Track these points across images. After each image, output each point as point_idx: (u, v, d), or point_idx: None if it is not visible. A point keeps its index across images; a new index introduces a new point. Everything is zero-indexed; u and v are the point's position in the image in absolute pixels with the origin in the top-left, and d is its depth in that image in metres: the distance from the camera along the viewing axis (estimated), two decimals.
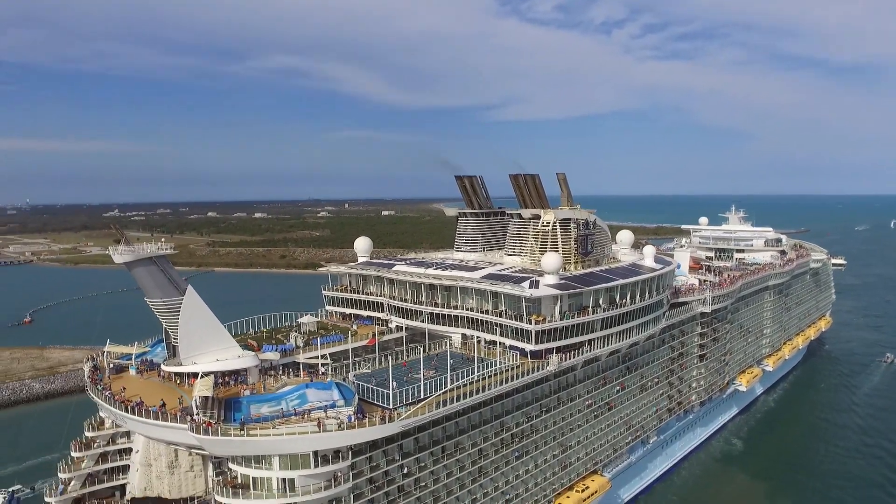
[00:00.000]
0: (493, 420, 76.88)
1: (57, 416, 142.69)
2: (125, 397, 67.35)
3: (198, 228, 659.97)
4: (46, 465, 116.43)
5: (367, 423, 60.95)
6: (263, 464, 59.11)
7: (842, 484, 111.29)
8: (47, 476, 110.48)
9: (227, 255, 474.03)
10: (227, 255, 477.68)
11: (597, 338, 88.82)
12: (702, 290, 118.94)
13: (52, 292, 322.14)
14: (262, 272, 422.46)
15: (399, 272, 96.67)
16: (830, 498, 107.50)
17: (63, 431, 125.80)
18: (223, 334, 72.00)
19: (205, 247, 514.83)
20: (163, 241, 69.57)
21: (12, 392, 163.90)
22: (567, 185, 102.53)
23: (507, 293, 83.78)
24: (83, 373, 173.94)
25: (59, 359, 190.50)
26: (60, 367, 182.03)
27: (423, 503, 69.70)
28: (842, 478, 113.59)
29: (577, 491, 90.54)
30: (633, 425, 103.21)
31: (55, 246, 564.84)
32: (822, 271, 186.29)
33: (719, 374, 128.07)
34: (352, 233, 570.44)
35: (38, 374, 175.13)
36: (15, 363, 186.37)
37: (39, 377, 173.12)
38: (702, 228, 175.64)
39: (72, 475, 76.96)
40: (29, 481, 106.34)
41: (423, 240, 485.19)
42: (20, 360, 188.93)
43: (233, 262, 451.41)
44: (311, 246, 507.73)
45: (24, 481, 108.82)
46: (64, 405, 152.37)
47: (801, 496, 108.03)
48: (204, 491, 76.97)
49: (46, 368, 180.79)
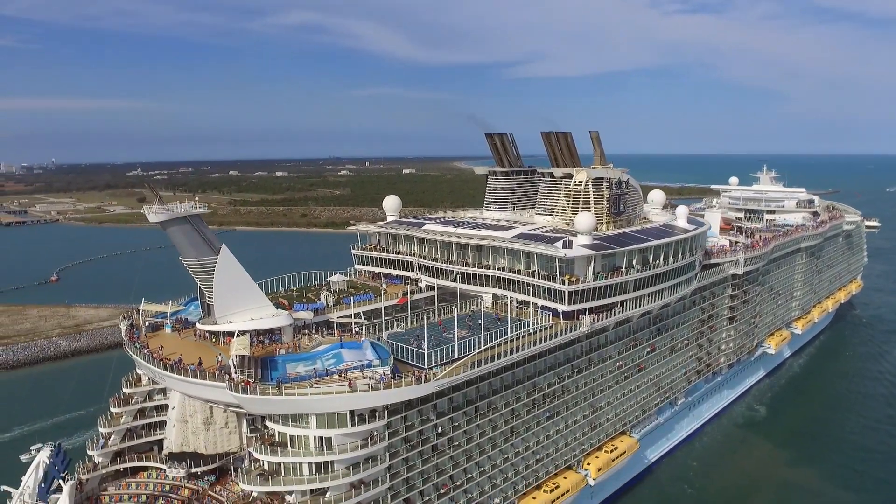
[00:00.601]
0: (526, 381, 76.77)
1: (85, 373, 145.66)
2: (163, 355, 67.85)
3: (219, 187, 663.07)
4: (75, 421, 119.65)
5: (403, 383, 60.95)
6: (301, 422, 59.52)
7: (864, 457, 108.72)
8: (81, 430, 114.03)
9: (248, 214, 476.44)
10: (249, 213, 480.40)
11: (629, 299, 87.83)
12: (734, 251, 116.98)
13: (78, 251, 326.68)
14: (282, 231, 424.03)
15: (430, 231, 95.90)
16: (853, 471, 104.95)
17: (92, 388, 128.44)
18: (257, 293, 72.01)
19: (226, 206, 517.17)
20: (196, 200, 68.89)
21: (40, 349, 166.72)
22: (600, 143, 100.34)
23: (540, 253, 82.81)
24: (119, 330, 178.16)
25: (84, 317, 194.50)
26: (86, 325, 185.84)
27: (457, 462, 70.23)
28: (865, 450, 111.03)
29: (606, 451, 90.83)
30: (663, 387, 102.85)
31: (80, 205, 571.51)
32: (855, 233, 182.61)
33: (748, 337, 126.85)
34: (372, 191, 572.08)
35: (64, 332, 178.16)
36: (42, 321, 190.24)
37: (66, 335, 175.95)
38: (731, 188, 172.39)
39: (111, 430, 78.23)
40: (62, 436, 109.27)
41: (445, 198, 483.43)
42: (47, 318, 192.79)
43: (254, 221, 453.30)
44: (332, 205, 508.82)
45: (57, 436, 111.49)
46: (90, 363, 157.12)
47: (822, 468, 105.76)
48: (238, 447, 78.25)
49: (73, 326, 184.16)
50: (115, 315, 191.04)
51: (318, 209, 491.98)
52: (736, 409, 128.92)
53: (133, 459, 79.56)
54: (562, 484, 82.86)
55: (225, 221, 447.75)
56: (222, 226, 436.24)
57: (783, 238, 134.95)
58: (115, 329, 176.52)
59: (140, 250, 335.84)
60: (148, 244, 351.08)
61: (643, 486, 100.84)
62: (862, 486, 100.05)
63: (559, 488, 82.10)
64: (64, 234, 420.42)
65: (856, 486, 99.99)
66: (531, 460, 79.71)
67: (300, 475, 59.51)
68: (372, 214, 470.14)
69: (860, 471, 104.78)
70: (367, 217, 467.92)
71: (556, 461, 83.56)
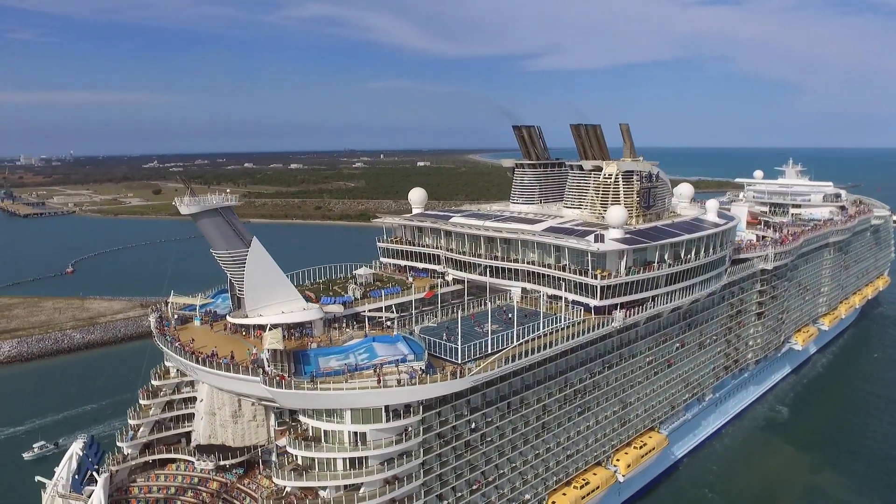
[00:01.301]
0: (558, 376, 75.82)
1: (98, 366, 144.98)
2: (195, 348, 67.47)
3: (234, 179, 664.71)
4: (87, 415, 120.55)
5: (439, 378, 60.15)
6: (335, 417, 58.89)
7: (889, 466, 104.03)
8: (91, 425, 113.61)
9: (262, 207, 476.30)
10: (263, 206, 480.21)
11: (660, 294, 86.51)
12: (763, 246, 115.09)
13: (93, 243, 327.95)
14: (297, 223, 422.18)
15: (457, 224, 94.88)
16: (878, 479, 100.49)
17: (105, 382, 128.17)
18: (288, 287, 71.40)
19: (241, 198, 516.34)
20: (228, 192, 68.26)
21: (54, 342, 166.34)
22: (630, 136, 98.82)
23: (572, 247, 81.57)
24: (132, 323, 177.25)
25: (98, 309, 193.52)
26: (100, 317, 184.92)
27: (489, 458, 69.49)
28: (890, 459, 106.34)
29: (636, 447, 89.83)
30: (691, 383, 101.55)
31: (97, 197, 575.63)
32: (883, 228, 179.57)
33: (776, 333, 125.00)
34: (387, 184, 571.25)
35: (78, 325, 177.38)
36: (57, 313, 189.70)
37: (80, 328, 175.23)
38: (756, 182, 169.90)
39: (140, 422, 78.28)
40: (80, 428, 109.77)
41: (460, 191, 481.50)
42: (62, 311, 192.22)
43: (268, 214, 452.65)
44: (347, 197, 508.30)
45: (63, 432, 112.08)
46: (103, 356, 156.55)
47: (845, 475, 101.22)
48: (266, 440, 77.95)
49: (86, 319, 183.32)
50: (129, 308, 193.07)
51: (332, 201, 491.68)
52: (758, 409, 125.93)
53: (161, 451, 79.79)
54: (591, 480, 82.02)
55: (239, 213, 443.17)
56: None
57: (812, 233, 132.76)
58: (127, 322, 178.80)
59: (154, 242, 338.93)
60: (162, 236, 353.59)
61: (664, 490, 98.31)
62: (888, 498, 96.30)
63: (589, 484, 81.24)
64: (80, 226, 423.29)
65: (881, 496, 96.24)
66: (561, 456, 78.89)
67: (334, 470, 58.97)
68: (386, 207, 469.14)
69: (884, 480, 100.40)
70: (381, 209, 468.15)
71: (586, 457, 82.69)
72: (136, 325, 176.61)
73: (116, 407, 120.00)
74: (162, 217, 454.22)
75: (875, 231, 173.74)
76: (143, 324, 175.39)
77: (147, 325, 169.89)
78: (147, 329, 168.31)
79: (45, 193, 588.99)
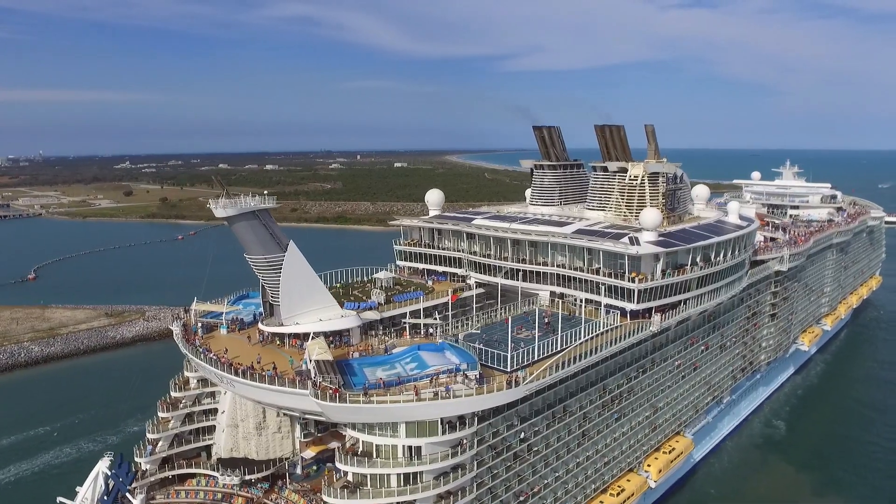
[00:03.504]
0: (598, 382, 74.19)
1: (59, 382, 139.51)
2: (230, 359, 64.05)
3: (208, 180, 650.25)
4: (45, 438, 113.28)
5: (496, 388, 57.84)
6: (388, 431, 56.20)
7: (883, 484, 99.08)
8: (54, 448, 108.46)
9: None
10: None
11: (691, 297, 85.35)
12: (777, 247, 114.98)
13: (59, 247, 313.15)
14: None
15: (481, 226, 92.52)
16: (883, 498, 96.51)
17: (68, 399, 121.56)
18: (324, 293, 68.57)
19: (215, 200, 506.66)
20: (265, 194, 64.98)
21: (10, 356, 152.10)
22: (655, 137, 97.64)
23: (608, 250, 79.86)
24: (96, 334, 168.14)
25: (60, 319, 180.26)
26: (62, 328, 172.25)
27: (535, 468, 67.41)
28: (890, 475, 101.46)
29: (665, 452, 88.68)
30: (713, 385, 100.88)
31: (65, 198, 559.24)
32: (877, 229, 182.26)
33: (786, 334, 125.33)
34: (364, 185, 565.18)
35: (37, 336, 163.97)
36: (14, 324, 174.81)
37: (39, 339, 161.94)
38: (754, 183, 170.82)
39: (159, 436, 74.71)
40: (36, 454, 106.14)
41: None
42: (20, 321, 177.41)
43: (220, 218, 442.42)
44: (323, 199, 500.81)
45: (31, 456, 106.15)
46: (64, 370, 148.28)
47: (849, 497, 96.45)
48: (291, 452, 74.88)
49: (47, 330, 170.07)
50: (94, 317, 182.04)
51: (308, 203, 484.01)
52: (755, 425, 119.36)
53: (181, 466, 76.12)
54: (626, 487, 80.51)
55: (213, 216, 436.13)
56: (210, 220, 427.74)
57: (819, 234, 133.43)
58: (92, 332, 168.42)
59: (125, 246, 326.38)
60: (132, 240, 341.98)
61: None
62: None
63: (624, 492, 79.69)
64: (46, 229, 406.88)
65: None
66: (599, 464, 77.26)
67: (388, 487, 56.22)
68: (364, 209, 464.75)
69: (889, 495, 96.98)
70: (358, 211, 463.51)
71: (620, 464, 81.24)
72: (101, 335, 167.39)
73: (82, 426, 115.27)
74: (133, 219, 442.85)
75: (870, 232, 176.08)
76: (109, 334, 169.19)
77: (114, 337, 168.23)
78: (115, 340, 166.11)
79: (10, 195, 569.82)
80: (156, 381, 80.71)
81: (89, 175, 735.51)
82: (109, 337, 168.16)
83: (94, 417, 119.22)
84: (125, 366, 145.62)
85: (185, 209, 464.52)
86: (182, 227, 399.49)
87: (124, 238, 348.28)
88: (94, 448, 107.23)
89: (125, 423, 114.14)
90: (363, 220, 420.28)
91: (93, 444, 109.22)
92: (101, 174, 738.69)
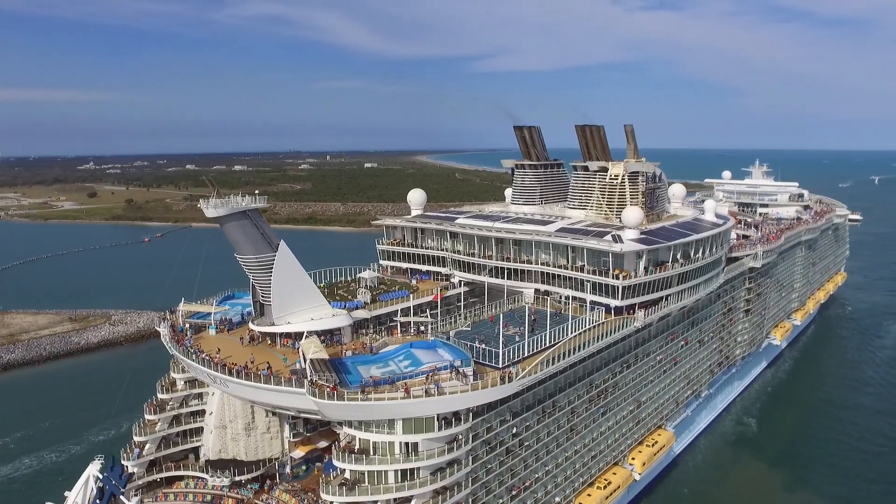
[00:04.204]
0: (585, 377, 75.45)
1: (18, 391, 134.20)
2: (222, 359, 63.79)
3: (175, 181, 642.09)
4: None
5: (490, 384, 58.65)
6: (386, 428, 56.60)
7: (863, 486, 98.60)
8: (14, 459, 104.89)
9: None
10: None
11: (672, 293, 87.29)
12: (752, 244, 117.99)
13: (20, 250, 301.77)
14: None
15: (465, 225, 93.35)
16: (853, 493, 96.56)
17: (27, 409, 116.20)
18: (315, 292, 68.62)
19: (182, 201, 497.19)
20: (256, 194, 64.87)
21: None
22: (634, 137, 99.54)
23: (592, 248, 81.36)
24: (58, 340, 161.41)
25: (21, 325, 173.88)
26: (22, 334, 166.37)
27: (526, 463, 68.40)
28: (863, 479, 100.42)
29: (648, 445, 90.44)
30: (692, 379, 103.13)
31: (25, 200, 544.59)
32: (842, 227, 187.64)
33: (759, 329, 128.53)
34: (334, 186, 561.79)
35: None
36: None
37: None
38: (725, 182, 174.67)
39: (146, 438, 73.86)
40: None
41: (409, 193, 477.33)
42: None
43: (211, 218, 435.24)
44: (293, 199, 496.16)
45: None
46: (23, 378, 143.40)
47: (819, 493, 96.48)
48: (281, 452, 74.77)
49: (5, 336, 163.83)
50: (56, 322, 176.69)
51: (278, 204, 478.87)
52: (727, 422, 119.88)
53: (169, 469, 75.41)
54: (612, 480, 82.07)
55: (180, 218, 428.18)
56: (177, 222, 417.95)
57: (790, 231, 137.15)
58: (54, 338, 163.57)
59: (88, 248, 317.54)
60: (95, 243, 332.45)
61: None
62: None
63: (611, 484, 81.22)
64: (5, 232, 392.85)
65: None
66: (586, 457, 78.57)
67: (386, 483, 56.65)
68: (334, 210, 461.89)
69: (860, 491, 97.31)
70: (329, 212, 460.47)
71: (606, 457, 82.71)
72: (65, 341, 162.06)
73: (43, 437, 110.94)
74: (97, 222, 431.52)
75: (836, 229, 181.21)
76: (74, 340, 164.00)
77: (78, 342, 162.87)
78: (79, 346, 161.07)
79: None
80: (122, 387, 79.14)
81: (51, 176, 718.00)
82: (73, 342, 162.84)
83: (57, 427, 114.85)
84: (90, 372, 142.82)
85: (151, 211, 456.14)
86: (149, 229, 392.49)
87: (88, 241, 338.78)
88: (56, 459, 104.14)
89: (88, 431, 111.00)
90: (333, 221, 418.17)
91: (55, 455, 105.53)
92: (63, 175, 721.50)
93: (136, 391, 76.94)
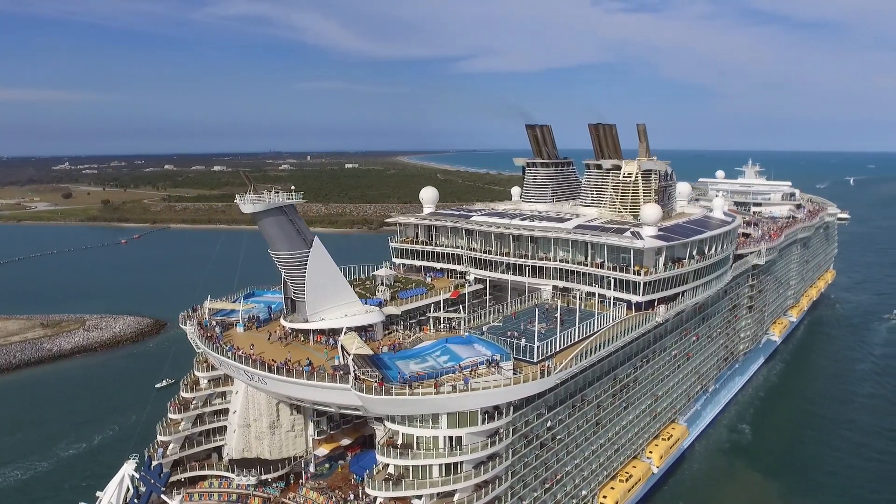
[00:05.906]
0: (610, 372, 76.32)
1: None
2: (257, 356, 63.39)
3: (153, 182, 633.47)
4: None
5: (531, 378, 59.12)
6: (430, 422, 56.73)
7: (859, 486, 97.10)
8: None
9: (183, 211, 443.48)
10: (185, 210, 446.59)
11: (688, 289, 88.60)
12: (755, 242, 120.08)
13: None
14: (222, 229, 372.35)
15: (481, 223, 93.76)
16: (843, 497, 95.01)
17: None
18: (347, 289, 68.52)
19: (160, 202, 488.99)
20: (292, 189, 64.59)
21: None
22: (646, 136, 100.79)
23: (612, 244, 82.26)
24: (30, 346, 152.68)
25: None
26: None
27: (558, 457, 69.03)
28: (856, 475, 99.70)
29: (664, 439, 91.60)
30: (702, 374, 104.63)
31: None
32: (831, 225, 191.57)
33: (760, 325, 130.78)
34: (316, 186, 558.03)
35: None
36: None
37: None
38: (718, 182, 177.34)
39: (170, 438, 73.48)
40: None
41: (391, 194, 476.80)
42: None
43: (190, 219, 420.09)
44: None
45: None
46: None
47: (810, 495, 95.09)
48: (304, 450, 74.59)
49: None
50: (28, 328, 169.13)
51: None
52: (721, 428, 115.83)
53: (193, 468, 74.86)
54: (633, 473, 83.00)
55: (158, 219, 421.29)
56: (155, 223, 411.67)
57: (788, 229, 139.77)
58: (25, 344, 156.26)
59: (63, 251, 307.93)
60: (71, 245, 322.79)
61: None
62: None
63: (632, 478, 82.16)
64: None
65: None
66: (610, 451, 79.47)
67: (432, 478, 56.78)
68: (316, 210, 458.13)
69: None
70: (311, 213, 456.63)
71: (627, 451, 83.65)
72: (36, 348, 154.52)
73: (8, 451, 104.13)
74: (73, 223, 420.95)
75: (826, 228, 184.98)
76: (45, 346, 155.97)
77: (50, 349, 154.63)
78: (51, 353, 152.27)
79: None
80: (97, 395, 75.64)
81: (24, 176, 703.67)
82: (45, 349, 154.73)
83: (22, 441, 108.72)
84: (61, 381, 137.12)
85: (128, 212, 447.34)
86: (126, 230, 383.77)
87: (63, 242, 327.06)
88: (21, 476, 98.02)
89: (57, 445, 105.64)
90: (315, 222, 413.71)
91: (19, 472, 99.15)
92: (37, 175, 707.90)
93: (111, 399, 73.63)
